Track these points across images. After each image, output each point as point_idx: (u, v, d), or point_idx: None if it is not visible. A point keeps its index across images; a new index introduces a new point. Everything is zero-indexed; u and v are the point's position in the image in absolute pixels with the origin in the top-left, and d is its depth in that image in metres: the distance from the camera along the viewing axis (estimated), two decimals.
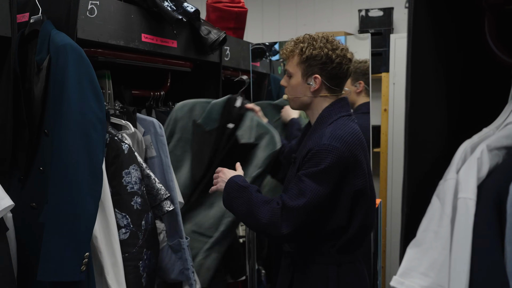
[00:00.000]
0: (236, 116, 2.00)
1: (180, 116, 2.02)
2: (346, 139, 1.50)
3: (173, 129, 2.03)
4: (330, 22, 3.77)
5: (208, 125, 2.00)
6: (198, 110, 2.02)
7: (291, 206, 1.46)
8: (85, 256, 1.48)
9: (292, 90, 1.71)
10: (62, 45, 1.47)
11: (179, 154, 2.00)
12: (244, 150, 1.95)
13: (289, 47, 1.69)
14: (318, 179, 1.46)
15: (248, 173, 1.93)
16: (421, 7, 0.89)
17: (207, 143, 1.98)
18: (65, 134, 1.46)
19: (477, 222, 0.86)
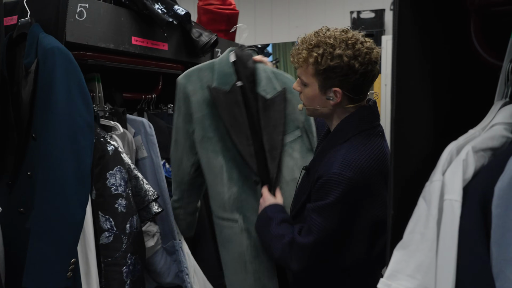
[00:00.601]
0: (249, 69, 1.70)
1: (191, 89, 1.67)
2: (360, 165, 1.30)
3: (189, 109, 1.67)
4: (323, 23, 3.75)
5: (226, 83, 1.65)
6: (207, 74, 1.68)
7: (300, 243, 1.36)
8: (72, 262, 1.47)
9: (308, 100, 1.45)
10: (49, 48, 1.46)
11: (212, 135, 1.65)
12: (278, 103, 1.66)
13: (302, 55, 1.38)
14: (325, 214, 1.31)
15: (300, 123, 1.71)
16: (406, 9, 0.89)
17: (235, 105, 1.63)
18: (53, 139, 1.45)
19: (463, 224, 0.87)
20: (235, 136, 1.61)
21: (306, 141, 1.73)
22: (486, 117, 1.01)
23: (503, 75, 1.01)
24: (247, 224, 1.65)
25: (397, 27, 0.89)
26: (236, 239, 1.67)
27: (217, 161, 1.65)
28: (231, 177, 1.65)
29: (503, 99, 1.02)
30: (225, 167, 1.65)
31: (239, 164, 1.64)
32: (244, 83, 1.67)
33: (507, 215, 0.83)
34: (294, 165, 1.69)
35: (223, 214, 1.69)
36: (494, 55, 1.06)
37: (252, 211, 1.65)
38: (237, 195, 1.65)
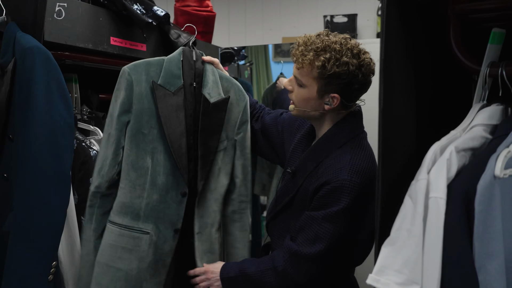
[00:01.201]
0: (196, 71, 1.63)
1: (136, 79, 1.55)
2: (366, 171, 1.32)
3: (130, 98, 1.55)
4: (296, 27, 3.82)
5: (171, 84, 1.56)
6: (154, 69, 1.58)
7: (308, 254, 1.32)
8: (53, 266, 1.45)
9: (301, 101, 1.43)
10: (28, 47, 1.43)
11: (147, 132, 1.53)
12: (219, 110, 1.59)
13: (308, 57, 1.36)
14: (336, 221, 1.30)
15: (229, 135, 1.65)
16: (393, 15, 0.92)
17: (176, 109, 1.54)
18: (32, 140, 1.42)
19: (448, 220, 0.91)
20: (170, 141, 1.52)
21: (230, 155, 1.66)
22: (466, 119, 1.06)
23: (481, 79, 1.07)
24: (157, 237, 1.54)
25: (384, 32, 0.92)
26: (140, 254, 1.53)
27: (145, 162, 1.54)
28: (155, 183, 1.53)
29: (480, 102, 1.08)
30: (150, 170, 1.54)
31: (167, 170, 1.54)
32: (186, 84, 1.60)
33: (488, 211, 0.88)
34: (217, 174, 1.64)
35: (132, 223, 1.54)
36: (472, 60, 1.11)
37: (166, 224, 1.54)
38: (156, 204, 1.53)
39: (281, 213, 1.52)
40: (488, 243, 0.88)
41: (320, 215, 1.31)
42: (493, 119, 1.02)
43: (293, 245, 1.36)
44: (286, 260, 1.36)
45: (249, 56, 3.28)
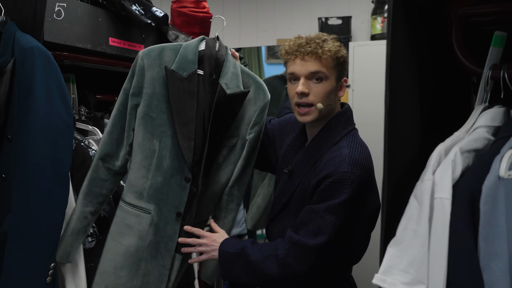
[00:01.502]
0: (216, 60, 1.58)
1: (148, 63, 1.53)
2: (365, 163, 1.36)
3: (141, 82, 1.53)
4: (290, 29, 3.83)
5: (185, 70, 1.53)
6: (169, 54, 1.55)
7: (310, 245, 1.33)
8: (51, 267, 1.44)
9: (325, 96, 1.42)
10: (29, 47, 1.42)
11: (155, 116, 1.53)
12: (233, 103, 1.55)
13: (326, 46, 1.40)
14: (338, 212, 1.32)
15: (241, 134, 1.61)
16: (399, 18, 0.94)
17: (187, 95, 1.52)
18: (31, 140, 1.41)
19: (453, 220, 0.92)
20: (178, 126, 1.51)
21: (237, 154, 1.63)
22: (469, 120, 1.07)
23: (483, 81, 1.08)
24: (158, 218, 1.54)
25: (390, 35, 0.93)
26: (140, 231, 1.54)
27: (152, 144, 1.54)
28: (160, 166, 1.53)
29: (482, 104, 1.09)
30: (157, 153, 1.53)
31: (173, 155, 1.53)
32: (205, 73, 1.57)
33: (493, 211, 0.90)
34: (216, 170, 1.61)
35: (136, 201, 1.55)
36: (473, 62, 1.13)
37: (169, 207, 1.54)
38: (160, 186, 1.53)
39: (280, 214, 1.53)
40: (492, 242, 0.90)
41: (321, 207, 1.33)
42: (496, 121, 1.03)
43: (296, 235, 1.37)
44: (287, 249, 1.36)
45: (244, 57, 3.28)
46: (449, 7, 1.08)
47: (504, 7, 1.04)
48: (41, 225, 1.40)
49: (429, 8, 1.12)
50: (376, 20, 3.19)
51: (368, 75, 3.12)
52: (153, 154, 1.54)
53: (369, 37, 3.37)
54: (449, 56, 1.17)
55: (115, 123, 1.57)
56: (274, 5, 3.88)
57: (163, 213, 1.54)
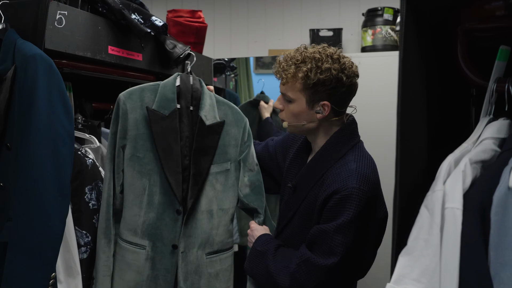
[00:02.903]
0: (192, 94, 1.68)
1: (130, 107, 1.61)
2: (371, 178, 1.35)
3: (125, 125, 1.61)
4: (281, 40, 3.87)
5: (165, 108, 1.61)
6: (149, 95, 1.64)
7: (319, 264, 1.32)
8: (52, 277, 1.42)
9: (293, 116, 1.46)
10: (31, 55, 1.41)
11: (142, 156, 1.60)
12: (214, 132, 1.65)
13: (289, 69, 1.41)
14: (347, 231, 1.31)
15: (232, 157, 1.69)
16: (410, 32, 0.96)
17: (170, 132, 1.60)
18: (33, 148, 1.39)
19: (464, 230, 0.93)
20: (165, 161, 1.58)
21: (233, 176, 1.71)
22: (474, 132, 1.10)
23: (488, 94, 1.11)
24: (154, 253, 1.61)
25: (403, 48, 0.95)
26: (137, 267, 1.61)
27: (141, 182, 1.61)
28: (151, 202, 1.61)
29: (487, 116, 1.12)
30: (147, 190, 1.61)
31: (164, 190, 1.60)
32: (182, 107, 1.66)
33: (503, 221, 0.92)
34: (214, 196, 1.67)
35: (131, 238, 1.62)
36: (477, 75, 1.16)
37: (164, 241, 1.60)
38: (153, 222, 1.60)
39: (285, 228, 1.53)
40: (502, 252, 0.91)
41: (331, 228, 1.32)
42: (501, 133, 1.06)
43: (307, 252, 1.36)
44: (298, 265, 1.36)
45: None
46: (457, 22, 1.11)
47: (508, 23, 1.08)
48: (42, 234, 1.38)
49: (437, 24, 1.15)
50: (367, 32, 3.24)
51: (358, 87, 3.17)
52: (144, 192, 1.61)
53: (359, 49, 3.42)
54: (452, 69, 1.20)
55: (110, 167, 1.64)
56: (265, 16, 3.92)
57: (158, 247, 1.61)
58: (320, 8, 3.80)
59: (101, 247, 1.61)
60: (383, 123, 2.51)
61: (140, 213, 1.60)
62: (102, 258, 1.61)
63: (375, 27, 3.19)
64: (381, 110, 2.61)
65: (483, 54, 1.21)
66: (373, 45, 3.19)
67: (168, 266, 1.61)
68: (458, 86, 1.31)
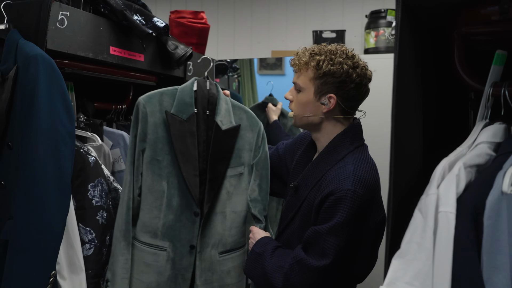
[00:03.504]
0: (209, 99, 1.71)
1: (150, 110, 1.65)
2: (369, 181, 1.35)
3: (145, 129, 1.64)
4: (284, 41, 3.88)
5: (184, 113, 1.65)
6: (167, 99, 1.67)
7: (312, 265, 1.33)
8: (52, 275, 1.43)
9: (300, 106, 1.49)
10: (33, 55, 1.42)
11: (161, 159, 1.63)
12: (230, 137, 1.68)
13: (304, 57, 1.45)
14: (339, 233, 1.32)
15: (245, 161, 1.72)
16: (405, 36, 0.96)
17: (188, 135, 1.63)
18: (34, 147, 1.41)
19: (457, 234, 0.94)
20: (183, 164, 1.62)
21: (246, 180, 1.74)
22: (470, 136, 1.10)
23: (484, 98, 1.11)
24: (174, 254, 1.65)
25: (397, 52, 0.96)
26: (158, 268, 1.64)
27: (160, 185, 1.64)
28: (170, 204, 1.64)
29: (483, 120, 1.12)
30: (166, 193, 1.64)
31: (182, 192, 1.64)
32: (199, 112, 1.69)
33: (496, 226, 0.92)
34: (227, 199, 1.70)
35: (151, 241, 1.65)
36: (474, 79, 1.16)
37: (183, 242, 1.64)
38: (172, 223, 1.64)
39: (286, 228, 1.54)
40: (495, 256, 0.92)
41: (324, 229, 1.33)
42: (497, 137, 1.06)
43: (301, 253, 1.37)
44: (291, 265, 1.37)
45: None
46: (454, 26, 1.11)
47: (504, 27, 1.08)
48: (42, 233, 1.39)
49: (436, 28, 1.15)
50: (370, 34, 3.25)
51: None
52: (163, 195, 1.64)
53: (362, 51, 3.42)
54: (450, 72, 1.20)
55: (131, 170, 1.66)
56: (269, 17, 3.93)
57: (177, 248, 1.65)
58: (324, 9, 3.80)
59: (120, 249, 1.63)
60: (386, 125, 2.49)
61: (159, 215, 1.64)
62: (121, 260, 1.63)
63: (378, 29, 3.19)
64: (384, 112, 2.59)
65: (482, 58, 1.21)
66: (376, 47, 3.19)
67: (187, 265, 1.65)
68: (457, 90, 1.31)
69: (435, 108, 1.24)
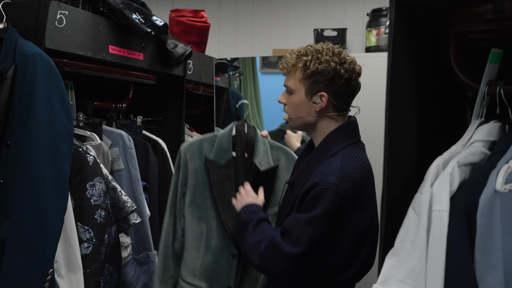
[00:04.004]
0: (248, 142, 1.77)
1: (190, 157, 1.74)
2: (355, 178, 1.35)
3: (186, 174, 1.74)
4: (286, 39, 3.87)
5: (222, 158, 1.72)
6: (207, 146, 1.75)
7: (287, 253, 1.35)
8: (49, 273, 1.44)
9: (293, 108, 1.51)
10: (31, 54, 1.43)
11: (200, 203, 1.72)
12: (268, 178, 1.73)
13: (291, 60, 1.49)
14: (316, 224, 1.32)
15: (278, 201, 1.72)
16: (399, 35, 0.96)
17: (226, 180, 1.70)
18: (32, 146, 1.41)
19: (450, 232, 0.94)
20: (221, 209, 1.68)
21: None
22: (465, 134, 1.10)
23: (479, 96, 1.11)
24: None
25: (391, 51, 0.96)
26: None
27: (200, 227, 1.71)
28: (209, 246, 1.70)
29: (479, 119, 1.12)
30: (205, 235, 1.70)
31: (220, 234, 1.70)
32: (237, 155, 1.75)
33: (489, 224, 0.92)
34: None
35: (191, 280, 1.71)
36: (469, 78, 1.16)
37: (220, 283, 1.69)
38: (210, 265, 1.69)
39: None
40: (488, 255, 0.92)
41: (303, 218, 1.35)
42: (492, 136, 1.06)
43: (278, 238, 1.39)
44: (266, 247, 1.39)
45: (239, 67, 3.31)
46: (449, 25, 1.11)
47: (499, 25, 1.08)
48: (40, 231, 1.40)
49: (433, 28, 1.15)
50: (371, 32, 3.24)
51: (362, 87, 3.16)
52: (202, 236, 1.71)
53: (363, 49, 3.42)
54: (446, 71, 1.20)
55: (170, 212, 1.75)
56: (270, 15, 3.93)
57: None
58: (325, 8, 3.80)
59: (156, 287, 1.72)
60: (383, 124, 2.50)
61: (198, 256, 1.70)
62: None
63: (380, 27, 3.19)
64: (383, 110, 2.60)
65: (477, 57, 1.21)
66: (378, 45, 3.19)
67: None
68: (454, 88, 1.31)
69: (432, 106, 1.24)
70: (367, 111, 1.67)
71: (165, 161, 2.20)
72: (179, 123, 2.38)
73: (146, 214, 1.82)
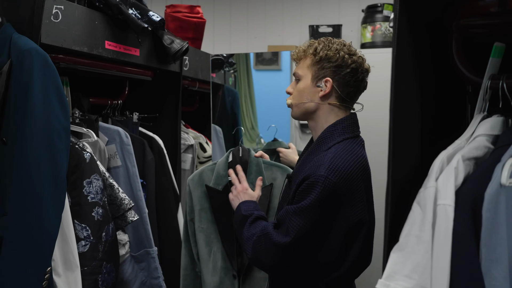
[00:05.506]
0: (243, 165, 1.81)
1: (193, 186, 1.88)
2: (346, 172, 1.35)
3: (191, 202, 1.88)
4: (281, 36, 3.86)
5: (219, 184, 1.83)
6: (207, 174, 1.87)
7: (277, 242, 1.37)
8: (47, 271, 1.42)
9: (298, 95, 1.53)
10: (26, 49, 1.40)
11: (205, 227, 1.84)
12: (263, 196, 1.77)
13: (302, 47, 1.54)
14: (304, 216, 1.34)
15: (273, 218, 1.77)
16: (403, 29, 0.96)
17: (225, 204, 1.76)
18: (29, 143, 1.39)
19: (456, 227, 0.94)
20: (222, 232, 1.80)
21: None
22: (468, 129, 1.09)
23: (482, 91, 1.11)
24: None
25: (396, 45, 0.95)
26: None
27: (206, 250, 1.83)
28: (216, 267, 1.81)
29: (481, 113, 1.12)
30: (212, 257, 1.82)
31: (223, 257, 1.81)
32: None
33: (495, 218, 0.92)
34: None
35: None
36: (472, 72, 1.16)
37: None
38: (217, 284, 1.81)
39: None
40: (494, 249, 0.92)
41: (291, 209, 1.37)
42: (495, 130, 1.06)
43: (270, 228, 1.42)
44: (258, 237, 1.42)
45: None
46: (452, 19, 1.10)
47: (502, 19, 1.07)
48: (38, 229, 1.38)
49: (434, 20, 1.15)
50: (366, 29, 3.24)
51: None
52: (210, 258, 1.83)
53: (359, 46, 3.41)
54: (448, 65, 1.19)
55: (185, 238, 1.91)
56: (265, 12, 3.91)
57: None
58: (320, 4, 3.79)
59: None
60: (384, 120, 2.48)
61: (208, 277, 1.83)
62: None
63: (375, 24, 3.18)
64: (381, 106, 2.59)
65: (480, 51, 1.21)
66: (373, 42, 3.18)
67: None
68: (455, 83, 1.31)
69: (433, 101, 1.23)
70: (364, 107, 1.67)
71: (162, 158, 2.18)
72: (175, 120, 2.36)
73: (145, 211, 1.81)
